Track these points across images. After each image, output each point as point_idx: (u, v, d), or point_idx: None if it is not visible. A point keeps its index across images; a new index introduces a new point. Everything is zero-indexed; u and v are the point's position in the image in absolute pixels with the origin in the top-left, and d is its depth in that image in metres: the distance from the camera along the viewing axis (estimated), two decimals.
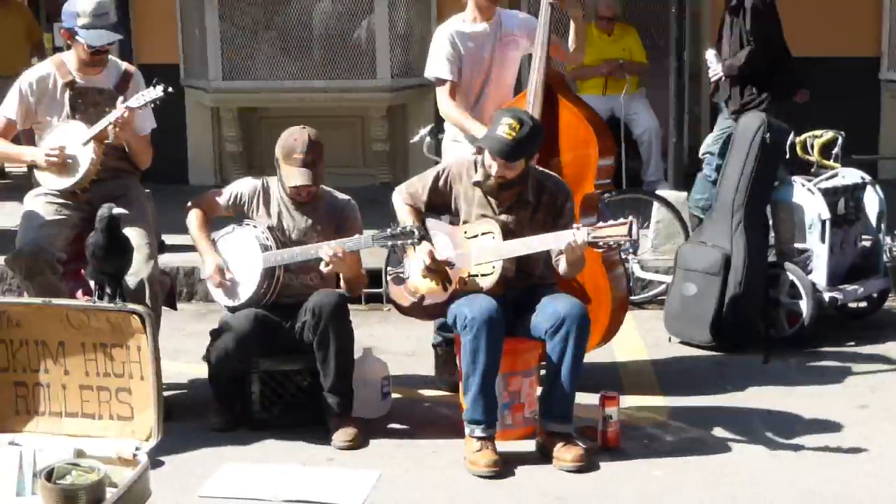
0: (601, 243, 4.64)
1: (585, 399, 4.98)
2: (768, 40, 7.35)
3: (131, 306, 4.06)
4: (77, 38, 5.31)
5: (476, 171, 4.95)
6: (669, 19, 7.68)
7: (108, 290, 4.80)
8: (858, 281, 6.59)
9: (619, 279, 5.73)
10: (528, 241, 4.80)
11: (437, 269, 4.88)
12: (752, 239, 6.32)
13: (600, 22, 9.38)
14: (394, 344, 6.07)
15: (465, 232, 4.95)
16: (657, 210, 7.54)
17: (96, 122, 5.27)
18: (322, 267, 4.98)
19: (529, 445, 4.92)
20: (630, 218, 4.61)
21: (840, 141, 6.79)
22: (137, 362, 3.95)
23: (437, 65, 5.60)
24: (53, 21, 11.64)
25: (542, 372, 5.08)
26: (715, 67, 7.53)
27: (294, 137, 5.14)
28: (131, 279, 5.10)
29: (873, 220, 6.75)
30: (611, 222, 4.63)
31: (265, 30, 10.47)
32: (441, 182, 5.06)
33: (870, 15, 9.76)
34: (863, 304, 6.77)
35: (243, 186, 5.37)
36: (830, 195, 6.44)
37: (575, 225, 4.70)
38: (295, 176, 5.10)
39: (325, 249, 4.90)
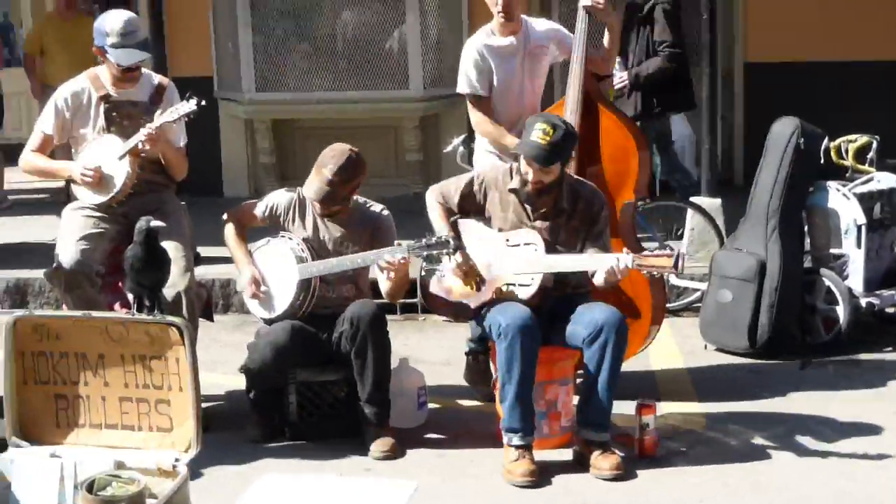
0: (645, 272, 4.68)
1: (622, 407, 4.95)
2: (675, 50, 7.48)
3: (169, 318, 4.09)
4: (108, 56, 5.36)
5: (511, 178, 4.96)
6: (701, 26, 7.65)
7: (146, 303, 4.81)
8: (895, 286, 6.54)
9: (659, 287, 5.72)
10: (571, 259, 4.82)
11: (471, 273, 4.90)
12: (787, 245, 6.29)
13: None
14: (429, 354, 6.07)
15: (507, 240, 4.94)
16: (691, 217, 7.50)
17: (131, 134, 5.29)
18: (382, 279, 5.01)
19: (567, 454, 4.92)
20: (678, 250, 4.63)
21: (875, 145, 6.73)
22: (176, 374, 3.97)
23: (467, 80, 5.61)
24: None
25: (579, 380, 5.07)
26: (620, 75, 7.60)
27: (333, 153, 5.16)
28: (169, 291, 5.11)
29: None
30: (657, 252, 4.69)
31: (298, 42, 10.49)
32: (475, 187, 5.06)
33: None
34: None
35: (279, 198, 5.39)
36: (866, 200, 6.39)
37: (624, 250, 4.69)
38: (313, 187, 5.13)
39: (388, 258, 4.91)
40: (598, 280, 4.75)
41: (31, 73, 10.13)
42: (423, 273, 5.16)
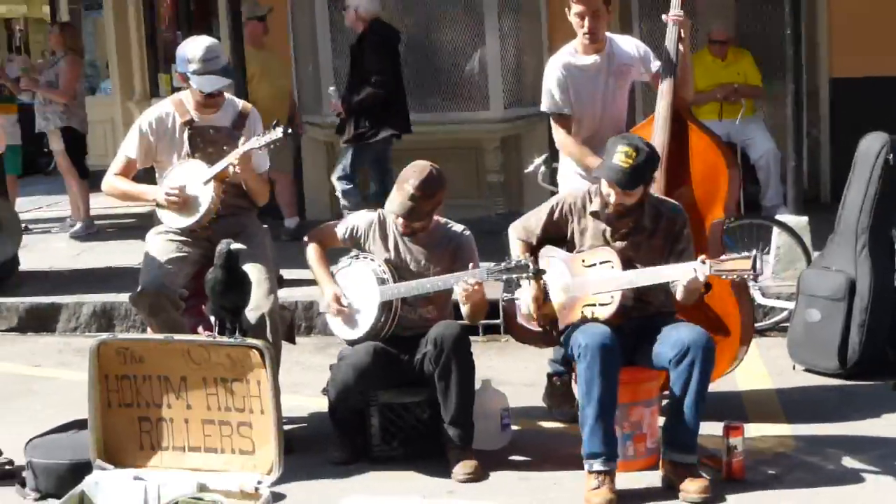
0: (724, 276, 4.61)
1: (709, 429, 4.85)
2: (382, 78, 8.15)
3: (251, 341, 4.11)
4: (190, 82, 5.40)
5: (591, 201, 4.92)
6: (784, 41, 7.54)
7: (228, 326, 4.84)
8: None
9: (748, 307, 5.65)
10: (649, 271, 4.75)
11: (545, 310, 4.88)
12: (877, 262, 6.17)
13: (713, 46, 9.27)
14: (512, 375, 6.03)
15: (583, 260, 4.90)
16: (777, 235, 7.39)
17: (215, 159, 5.34)
18: (462, 301, 4.98)
19: (651, 477, 4.83)
20: (754, 252, 4.57)
21: None
22: (258, 396, 3.99)
23: (550, 98, 5.56)
24: (171, 62, 11.93)
25: (665, 402, 4.99)
26: (335, 102, 8.30)
27: (414, 169, 5.17)
28: (252, 314, 5.14)
29: None
30: (734, 255, 4.60)
31: None
32: (556, 215, 5.02)
33: None
34: None
35: (360, 220, 5.40)
36: None
37: (700, 257, 4.63)
38: (395, 203, 5.13)
39: (462, 287, 4.90)
40: (679, 294, 4.69)
41: None
42: (503, 302, 5.15)
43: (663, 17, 5.53)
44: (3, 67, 12.17)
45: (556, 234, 5.02)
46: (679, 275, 4.65)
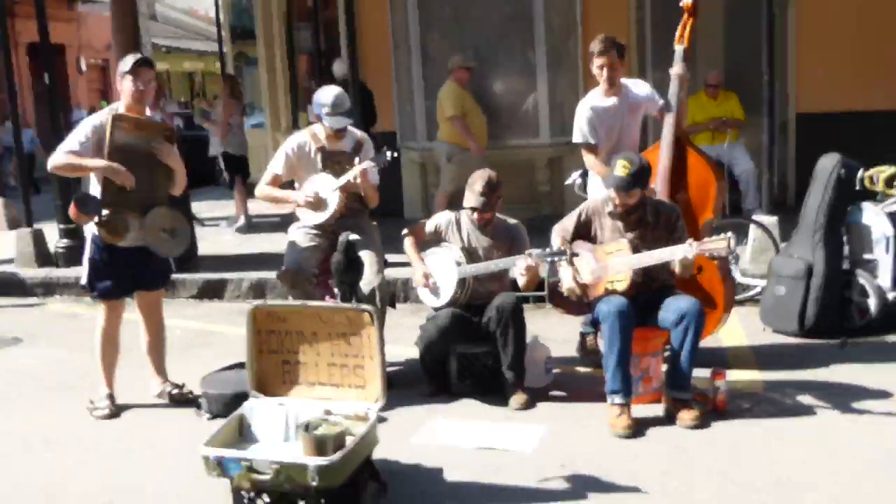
0: (707, 254, 4.59)
1: (700, 374, 4.85)
2: None
3: (363, 306, 4.15)
4: (323, 121, 5.47)
5: (608, 205, 4.93)
6: (762, 85, 7.45)
7: (347, 295, 4.92)
8: None
9: (730, 283, 5.60)
10: (651, 254, 4.74)
11: (573, 293, 4.88)
12: (830, 251, 6.09)
13: (708, 89, 9.17)
14: (554, 333, 6.02)
15: (605, 250, 4.90)
16: (753, 230, 7.32)
17: (340, 174, 5.41)
18: (519, 277, 4.97)
19: (656, 409, 4.84)
20: (729, 234, 4.51)
21: None
22: (368, 346, 4.03)
23: (580, 132, 5.56)
24: (308, 104, 12.04)
25: (667, 353, 4.98)
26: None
27: (479, 175, 5.23)
28: (365, 287, 5.21)
29: None
30: (714, 238, 4.56)
31: None
32: (583, 217, 5.03)
33: None
34: None
35: (442, 219, 5.44)
36: (894, 217, 6.14)
37: (688, 241, 4.63)
38: (470, 200, 5.18)
39: (520, 267, 4.92)
40: (677, 268, 4.66)
41: (466, 132, 8.88)
42: (548, 282, 5.17)
43: (670, 70, 5.49)
44: (209, 112, 12.27)
45: (584, 230, 5.02)
46: (674, 255, 4.63)
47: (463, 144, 8.81)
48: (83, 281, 5.27)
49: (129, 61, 5.03)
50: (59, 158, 4.98)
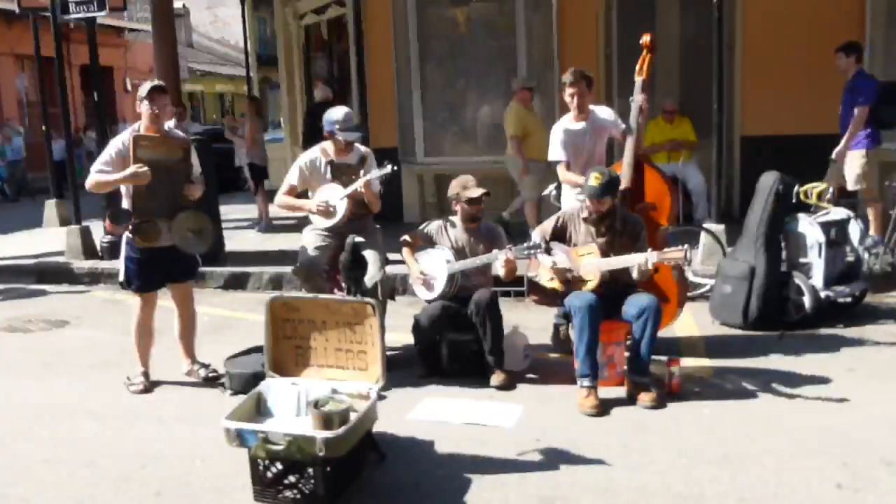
0: (666, 261, 4.54)
1: (657, 361, 4.79)
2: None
3: (366, 299, 4.09)
4: (336, 136, 5.40)
5: (583, 211, 4.88)
6: (711, 111, 7.41)
7: (352, 289, 4.86)
8: (845, 284, 6.22)
9: (683, 282, 5.54)
10: (617, 259, 4.70)
11: (558, 276, 4.80)
12: (770, 256, 6.04)
13: (664, 114, 9.13)
14: (531, 323, 5.97)
15: (578, 252, 4.85)
16: (703, 237, 7.28)
17: (347, 184, 5.35)
18: (500, 269, 4.93)
19: (619, 391, 4.78)
20: (685, 245, 4.47)
21: (831, 190, 6.43)
22: (370, 334, 3.98)
23: (555, 151, 5.52)
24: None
25: (628, 342, 4.92)
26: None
27: (465, 177, 5.23)
28: (368, 282, 5.13)
29: (855, 242, 6.37)
30: (673, 248, 4.52)
31: (451, 125, 10.53)
32: (559, 223, 4.98)
33: None
34: (848, 300, 6.33)
35: (433, 226, 5.39)
36: (825, 226, 6.11)
37: (648, 249, 4.58)
38: (475, 191, 5.12)
39: (501, 259, 4.88)
40: (635, 274, 4.61)
41: (518, 151, 8.63)
42: (528, 277, 5.12)
43: (630, 99, 5.45)
44: (237, 127, 12.20)
45: (561, 233, 4.97)
46: (636, 261, 4.58)
47: (536, 157, 8.36)
48: (121, 278, 5.27)
49: (146, 87, 4.97)
50: (90, 179, 5.03)
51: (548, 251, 4.82)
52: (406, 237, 5.47)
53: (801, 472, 3.71)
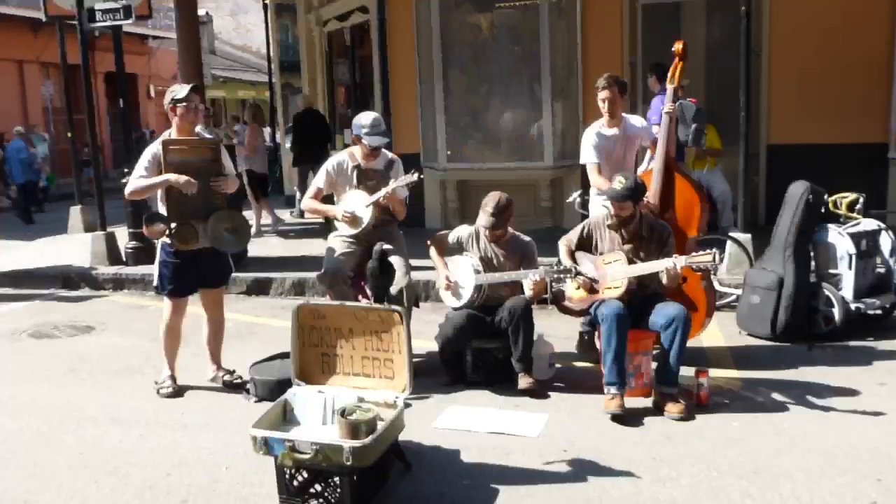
0: (694, 267, 4.48)
1: (685, 371, 4.72)
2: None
3: (393, 307, 4.07)
4: (362, 140, 5.38)
5: (608, 219, 4.84)
6: (738, 120, 7.33)
7: (379, 297, 4.83)
8: (875, 296, 6.11)
9: (711, 292, 5.48)
10: (644, 265, 4.65)
11: (584, 285, 4.77)
12: (799, 266, 5.95)
13: None
14: (557, 332, 5.93)
15: (604, 260, 4.80)
16: (729, 246, 7.20)
17: (374, 190, 5.33)
18: (528, 290, 4.87)
19: (646, 402, 4.73)
20: (714, 249, 4.42)
21: (861, 200, 6.35)
22: (397, 342, 3.96)
23: (587, 154, 5.48)
24: (344, 127, 11.92)
25: (656, 352, 4.86)
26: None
27: (491, 197, 5.12)
28: (394, 289, 5.12)
29: (886, 253, 6.25)
30: (701, 252, 4.46)
31: (473, 131, 10.50)
32: (585, 231, 4.95)
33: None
34: (878, 312, 6.22)
35: (462, 231, 5.34)
36: (855, 237, 6.02)
37: (675, 255, 4.54)
38: (482, 220, 5.08)
39: (529, 282, 4.82)
40: (665, 279, 4.56)
41: None
42: (552, 289, 5.08)
43: (661, 108, 5.40)
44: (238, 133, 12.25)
45: (587, 242, 4.94)
46: (664, 265, 4.53)
47: None
48: (154, 282, 5.27)
49: (185, 89, 5.00)
50: (130, 186, 5.06)
51: (578, 273, 4.75)
52: (436, 237, 5.41)
53: (835, 488, 3.64)
